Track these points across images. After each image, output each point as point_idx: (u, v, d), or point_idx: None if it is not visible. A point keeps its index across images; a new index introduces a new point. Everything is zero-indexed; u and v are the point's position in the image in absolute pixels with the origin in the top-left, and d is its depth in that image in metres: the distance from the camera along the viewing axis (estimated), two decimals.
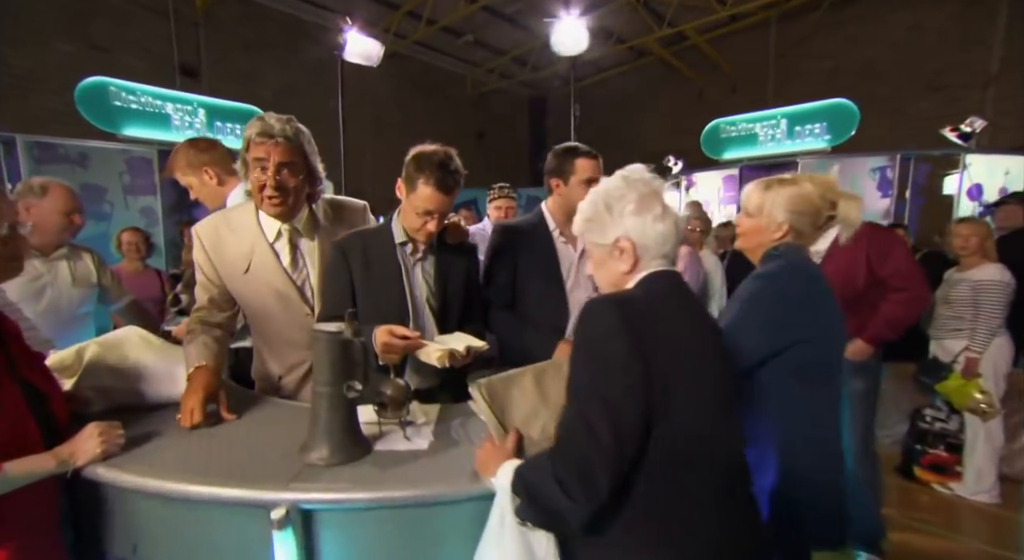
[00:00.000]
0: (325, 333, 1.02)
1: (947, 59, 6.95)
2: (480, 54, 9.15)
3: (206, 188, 1.94)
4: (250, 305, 1.53)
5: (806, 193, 1.27)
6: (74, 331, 2.00)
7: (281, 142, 1.36)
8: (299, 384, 1.58)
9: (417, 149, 1.39)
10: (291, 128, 1.38)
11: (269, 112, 1.40)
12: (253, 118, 1.41)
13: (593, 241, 0.97)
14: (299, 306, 1.50)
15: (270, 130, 1.35)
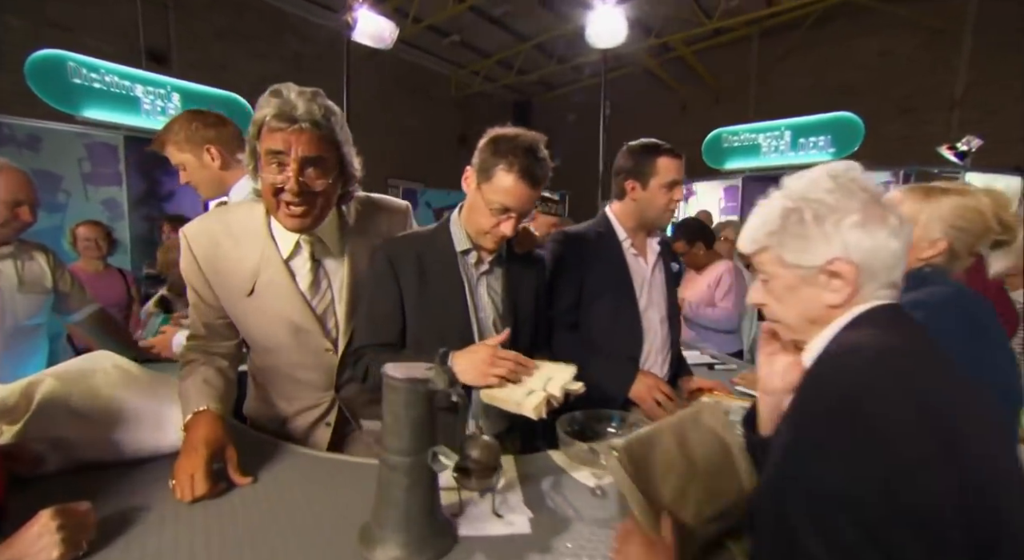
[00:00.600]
0: (406, 383, 0.74)
1: (916, 83, 7.21)
2: (465, 55, 8.90)
3: (205, 171, 1.60)
4: (252, 335, 1.19)
5: (977, 206, 1.07)
6: (20, 348, 1.63)
7: (307, 129, 1.00)
8: (311, 427, 1.26)
9: (496, 131, 1.11)
10: (320, 108, 1.02)
11: (288, 84, 1.04)
12: (266, 93, 1.03)
13: (783, 261, 0.73)
14: (318, 341, 1.18)
15: (291, 111, 0.98)
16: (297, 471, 1.05)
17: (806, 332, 0.73)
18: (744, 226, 0.79)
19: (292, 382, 1.23)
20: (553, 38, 8.30)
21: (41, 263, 1.64)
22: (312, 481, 1.01)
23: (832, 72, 7.64)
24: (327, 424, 1.26)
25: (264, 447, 1.14)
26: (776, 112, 6.73)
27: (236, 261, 1.12)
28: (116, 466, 1.04)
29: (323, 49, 7.84)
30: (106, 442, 1.05)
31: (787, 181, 0.76)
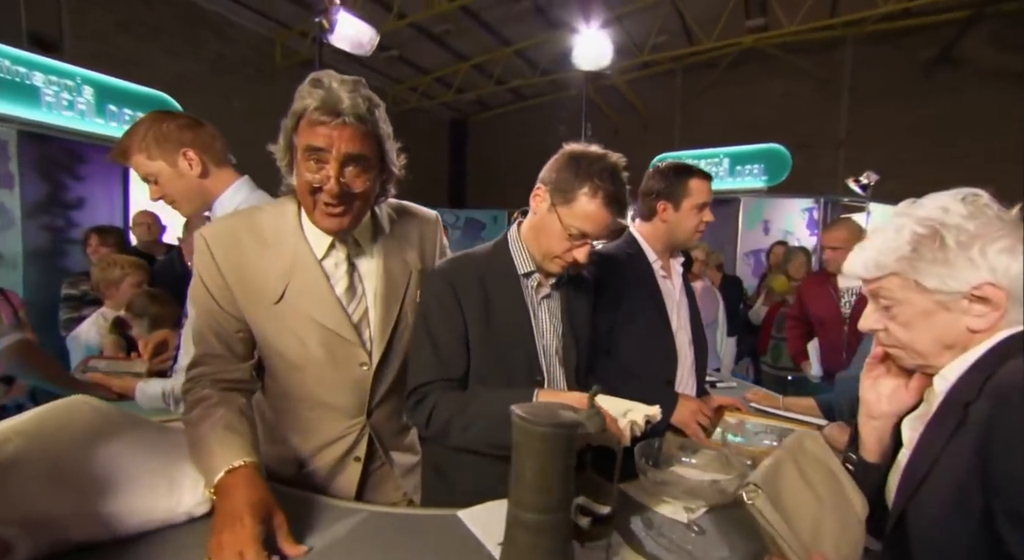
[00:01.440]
0: (560, 428, 0.64)
1: (810, 123, 8.23)
2: (403, 71, 8.75)
3: (182, 181, 1.36)
4: (279, 348, 1.04)
5: None
6: None
7: (351, 123, 0.90)
8: (337, 465, 1.10)
9: (574, 149, 1.05)
10: (364, 101, 0.92)
11: (329, 72, 0.94)
12: (306, 83, 0.92)
13: (918, 287, 0.73)
14: (354, 352, 1.04)
15: (336, 104, 0.89)
16: (354, 532, 0.90)
17: (939, 357, 0.74)
18: (857, 252, 0.79)
19: (319, 407, 1.07)
20: (493, 59, 8.43)
21: None
22: (375, 544, 0.86)
23: (744, 108, 8.48)
24: (356, 459, 1.11)
25: (298, 503, 0.97)
26: (698, 141, 7.33)
27: (264, 264, 1.00)
28: (116, 545, 0.82)
29: (249, 52, 7.34)
30: (101, 516, 0.83)
31: (906, 208, 0.77)
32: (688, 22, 7.29)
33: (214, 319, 1.01)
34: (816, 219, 4.94)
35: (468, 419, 0.99)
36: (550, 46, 7.93)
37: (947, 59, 7.03)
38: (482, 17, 7.59)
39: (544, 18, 7.58)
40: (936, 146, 7.26)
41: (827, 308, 2.38)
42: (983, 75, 6.93)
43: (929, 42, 7.11)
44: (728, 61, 8.13)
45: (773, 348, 3.19)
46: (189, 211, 1.44)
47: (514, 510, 0.67)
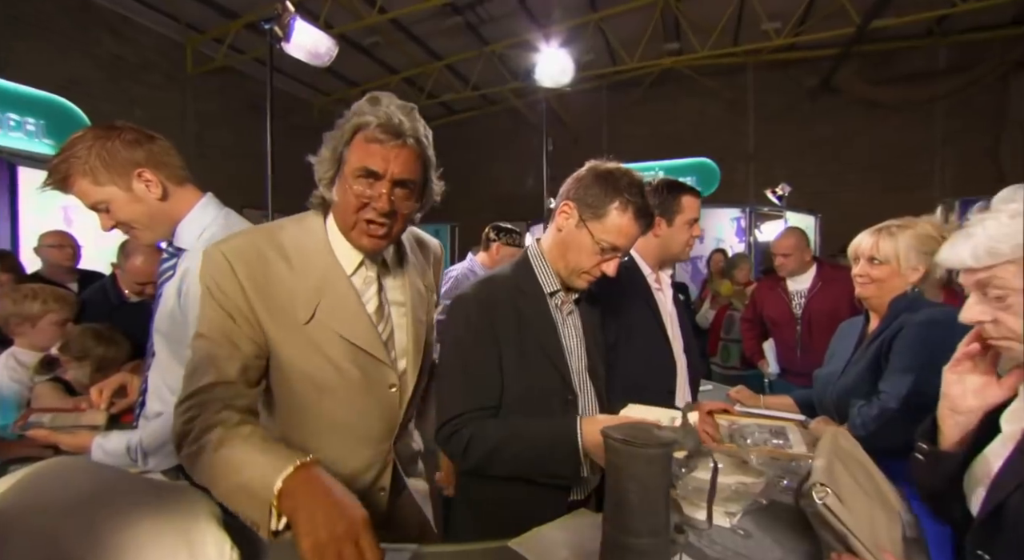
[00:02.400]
0: (662, 448, 0.65)
1: (723, 139, 9.00)
2: (330, 83, 8.42)
3: (140, 206, 1.18)
4: (305, 373, 0.96)
5: (929, 233, 1.34)
6: None
7: (410, 146, 0.91)
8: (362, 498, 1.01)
9: (599, 166, 1.07)
10: (421, 126, 0.94)
11: (386, 93, 0.93)
12: (364, 101, 0.92)
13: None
14: (384, 373, 0.99)
15: (398, 127, 0.89)
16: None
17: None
18: (962, 241, 0.75)
19: (344, 435, 1.00)
20: (423, 73, 8.37)
21: None
22: None
23: (664, 124, 9.11)
24: (381, 490, 1.04)
25: None
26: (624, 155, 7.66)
27: (292, 282, 0.94)
28: None
29: (154, 57, 6.72)
30: None
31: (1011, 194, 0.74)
32: (612, 43, 7.70)
33: (230, 342, 0.91)
34: (743, 227, 5.41)
35: (513, 448, 0.97)
36: (481, 61, 8.03)
37: (827, 88, 8.01)
38: (412, 31, 7.53)
39: (475, 34, 7.67)
40: (826, 162, 8.25)
41: (780, 310, 2.60)
42: (856, 103, 8.00)
43: (812, 72, 8.08)
44: (649, 80, 8.68)
45: (723, 349, 3.42)
46: (152, 238, 1.26)
47: (617, 536, 0.66)
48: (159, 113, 6.56)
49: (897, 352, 1.28)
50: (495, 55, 7.97)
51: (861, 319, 1.53)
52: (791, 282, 2.62)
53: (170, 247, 1.27)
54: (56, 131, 4.17)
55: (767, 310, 2.70)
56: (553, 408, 1.05)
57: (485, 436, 0.97)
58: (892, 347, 1.30)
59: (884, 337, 1.35)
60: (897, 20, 6.27)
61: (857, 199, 7.89)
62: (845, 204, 7.55)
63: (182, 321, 1.18)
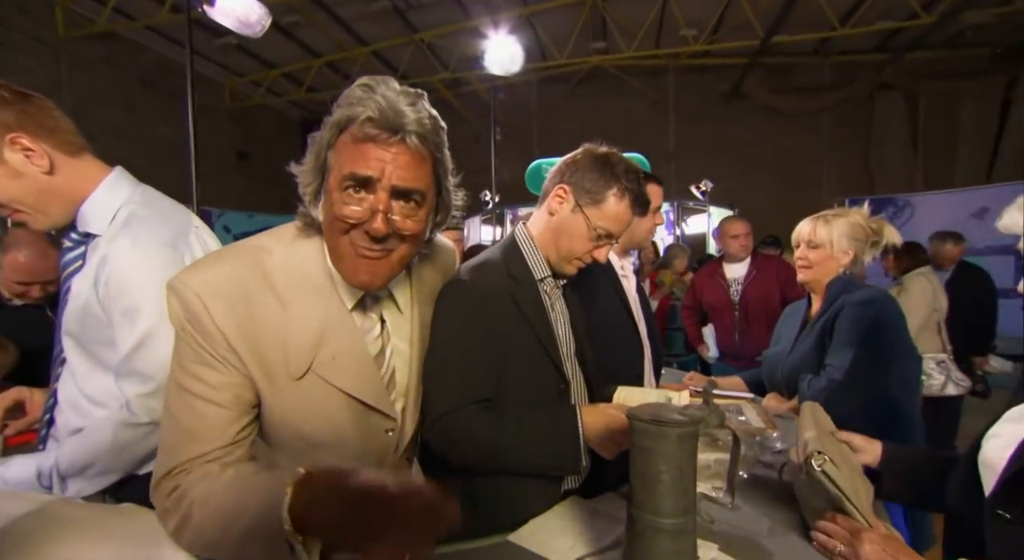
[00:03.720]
0: (691, 427, 0.64)
1: (647, 137, 9.43)
2: (243, 62, 7.73)
3: (21, 181, 0.96)
4: (294, 430, 0.79)
5: (859, 221, 1.49)
6: None
7: (412, 144, 0.71)
8: None
9: (596, 151, 1.04)
10: (428, 118, 0.74)
11: (383, 78, 0.72)
12: (354, 87, 0.72)
13: None
14: (384, 422, 0.85)
15: (396, 118, 0.69)
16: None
17: None
18: None
19: None
20: (349, 58, 7.96)
21: None
22: None
23: (592, 121, 9.37)
24: None
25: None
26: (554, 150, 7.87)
27: (284, 328, 0.75)
28: None
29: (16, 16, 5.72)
30: None
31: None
32: (543, 39, 7.79)
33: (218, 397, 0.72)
34: (672, 220, 5.73)
35: (512, 445, 0.93)
36: (410, 49, 7.78)
37: (737, 94, 8.69)
38: (336, 12, 7.11)
39: (403, 20, 7.40)
40: (737, 163, 8.95)
41: (718, 296, 2.77)
42: (761, 109, 8.76)
43: (725, 78, 8.71)
44: (578, 77, 8.90)
45: (668, 337, 3.59)
46: (47, 223, 1.03)
47: (648, 518, 0.65)
48: (28, 82, 5.53)
49: (839, 329, 1.41)
50: (424, 43, 7.75)
51: (804, 303, 1.66)
52: (728, 269, 2.80)
53: (74, 233, 1.06)
54: None
55: (706, 297, 2.87)
56: (547, 396, 1.03)
57: (481, 433, 0.92)
58: (834, 325, 1.43)
59: (827, 316, 1.47)
60: (791, 37, 6.94)
61: (766, 196, 8.68)
62: (757, 200, 8.26)
63: (103, 319, 0.99)
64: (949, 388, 2.72)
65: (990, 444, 0.84)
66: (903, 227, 5.82)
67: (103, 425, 0.98)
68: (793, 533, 0.91)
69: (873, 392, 1.34)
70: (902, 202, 6.05)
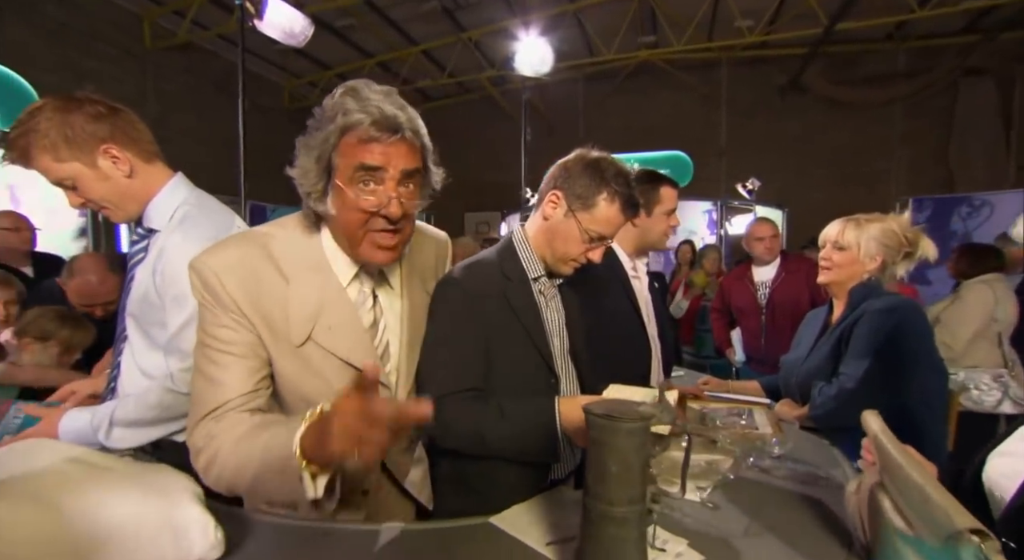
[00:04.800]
0: (641, 423, 0.68)
1: (697, 133, 9.15)
2: (301, 65, 8.17)
3: (108, 184, 1.15)
4: (298, 393, 0.93)
5: (893, 228, 1.43)
6: None
7: (409, 138, 0.85)
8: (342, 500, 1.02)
9: (587, 156, 1.09)
10: (414, 113, 0.87)
11: (363, 81, 0.86)
12: (342, 94, 0.85)
13: None
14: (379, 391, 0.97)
15: (394, 120, 0.82)
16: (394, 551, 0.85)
17: None
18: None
19: None
20: (399, 58, 8.22)
21: None
22: None
23: (639, 117, 9.20)
24: (363, 493, 1.05)
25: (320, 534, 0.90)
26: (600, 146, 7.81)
27: (287, 301, 0.88)
28: None
29: (103, 27, 6.33)
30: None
31: None
32: (590, 34, 7.72)
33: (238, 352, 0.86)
34: (715, 219, 5.57)
35: (494, 429, 0.99)
36: (458, 48, 7.93)
37: (795, 86, 8.24)
38: (387, 14, 7.36)
39: (452, 20, 7.55)
40: (792, 158, 8.50)
41: (746, 299, 2.70)
42: (821, 101, 8.26)
43: (782, 70, 8.28)
44: (626, 72, 8.75)
45: (697, 339, 3.53)
46: (123, 217, 1.23)
47: (599, 506, 0.69)
48: (114, 90, 6.12)
49: (856, 337, 1.37)
50: (472, 42, 7.88)
51: (826, 308, 1.61)
52: (757, 272, 2.72)
53: (140, 229, 1.24)
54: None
55: (734, 300, 2.80)
56: (536, 391, 1.08)
57: (467, 417, 0.99)
58: (852, 332, 1.39)
59: (846, 323, 1.43)
60: (860, 23, 6.49)
61: (822, 194, 8.18)
62: (811, 199, 7.82)
63: (158, 303, 1.15)
64: (1005, 405, 2.52)
65: (994, 463, 0.82)
66: (979, 229, 5.34)
67: (152, 390, 1.14)
68: (769, 535, 0.91)
69: (886, 404, 1.28)
70: (978, 201, 5.54)
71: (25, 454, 0.79)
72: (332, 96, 0.86)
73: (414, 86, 8.92)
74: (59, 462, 0.78)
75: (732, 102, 9.10)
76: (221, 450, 0.81)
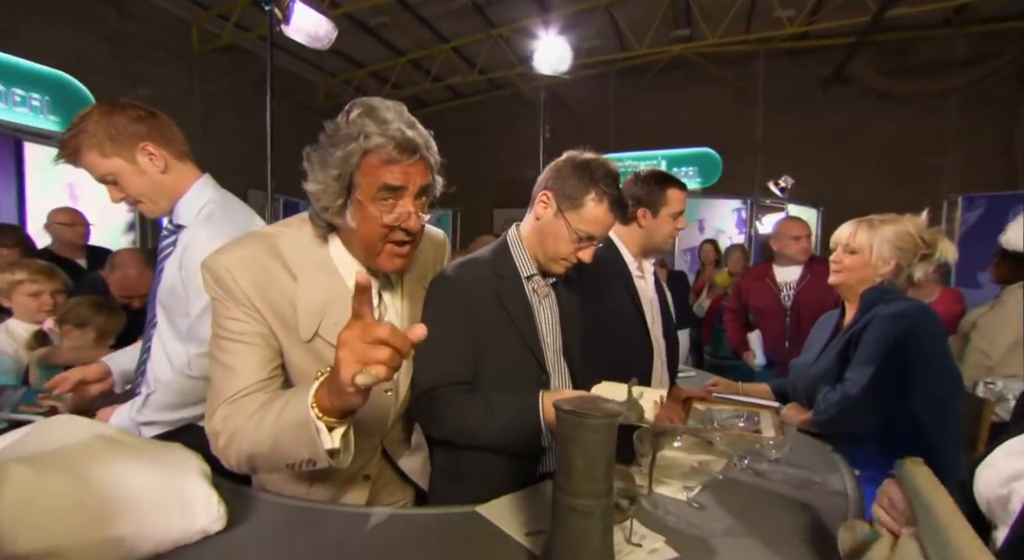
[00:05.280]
0: (606, 419, 0.70)
1: (731, 128, 8.86)
2: (336, 63, 8.40)
3: (145, 179, 1.27)
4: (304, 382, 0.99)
5: (908, 230, 1.38)
6: None
7: (425, 157, 0.91)
8: (345, 484, 1.09)
9: (576, 156, 1.11)
10: (423, 131, 0.93)
11: (378, 102, 0.90)
12: (359, 113, 0.88)
13: None
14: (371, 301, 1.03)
15: (412, 142, 0.88)
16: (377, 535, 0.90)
17: None
18: None
19: None
20: (430, 56, 8.32)
21: None
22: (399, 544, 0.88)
23: (672, 113, 9.00)
24: (365, 477, 1.11)
25: (315, 513, 0.96)
26: (631, 143, 7.71)
27: (295, 298, 0.95)
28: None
29: (155, 33, 6.69)
30: (113, 542, 0.78)
31: None
32: (621, 28, 7.61)
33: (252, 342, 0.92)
34: (744, 218, 5.41)
35: (482, 420, 1.03)
36: (486, 45, 7.97)
37: (839, 78, 7.86)
38: (419, 12, 7.47)
39: (482, 16, 7.60)
40: (834, 154, 8.12)
41: (768, 301, 2.63)
42: (867, 93, 7.85)
43: (825, 61, 7.92)
44: (658, 67, 8.57)
45: (714, 339, 3.47)
46: (156, 212, 1.35)
47: (564, 498, 0.72)
48: (166, 92, 6.57)
49: (864, 342, 1.33)
50: (502, 39, 7.90)
51: (838, 311, 1.57)
52: (779, 273, 2.65)
53: (170, 224, 1.35)
54: (61, 107, 4.22)
55: (754, 301, 2.73)
56: (528, 387, 1.11)
57: (456, 409, 1.03)
58: (861, 337, 1.35)
59: (856, 328, 1.39)
60: (914, 9, 6.14)
61: (864, 192, 7.76)
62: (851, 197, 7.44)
63: (182, 295, 1.25)
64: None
65: (983, 475, 0.80)
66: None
67: (174, 377, 1.25)
68: (749, 536, 0.92)
69: (890, 413, 1.25)
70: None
71: (58, 429, 0.88)
72: (347, 114, 0.91)
73: (444, 83, 9.02)
74: (86, 437, 0.86)
75: (769, 96, 8.77)
76: (237, 425, 0.87)
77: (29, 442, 0.83)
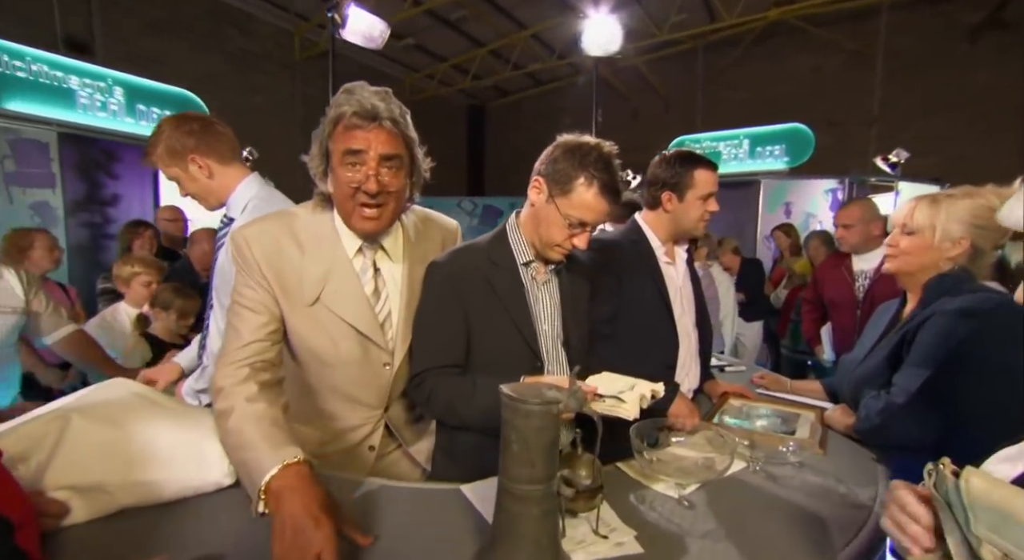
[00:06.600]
0: (541, 406, 0.70)
1: (840, 99, 7.86)
2: (419, 59, 8.77)
3: (196, 182, 1.49)
4: (309, 348, 1.10)
5: (989, 204, 1.15)
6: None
7: (387, 127, 1.00)
8: (352, 452, 1.17)
9: (567, 140, 1.10)
10: (396, 107, 1.02)
11: (359, 83, 1.02)
12: (340, 93, 1.02)
13: None
14: (380, 354, 1.12)
15: (373, 110, 0.98)
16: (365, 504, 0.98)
17: None
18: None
19: (342, 399, 1.15)
20: (509, 44, 8.37)
21: (11, 281, 1.44)
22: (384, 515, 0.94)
23: (768, 86, 8.20)
24: (370, 448, 1.19)
25: None
26: (721, 122, 7.14)
27: (301, 267, 1.06)
28: (157, 509, 0.92)
29: (270, 47, 7.49)
30: (144, 485, 0.93)
31: None
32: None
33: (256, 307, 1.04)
34: (840, 200, 4.81)
35: (466, 402, 1.06)
36: (565, 29, 7.81)
37: (995, 23, 6.55)
38: (497, 2, 7.53)
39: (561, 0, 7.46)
40: (972, 121, 6.85)
41: (841, 291, 2.35)
42: None
43: (975, 5, 6.66)
44: (752, 37, 7.85)
45: (791, 331, 3.16)
46: (210, 206, 1.56)
47: (503, 481, 0.73)
48: (275, 99, 7.35)
49: (919, 342, 1.14)
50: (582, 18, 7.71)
51: (898, 301, 1.37)
52: (857, 261, 2.34)
53: (225, 218, 1.54)
54: None
55: (827, 291, 2.45)
56: (520, 373, 1.12)
57: (444, 390, 1.07)
58: (916, 336, 1.17)
59: (914, 323, 1.20)
60: None
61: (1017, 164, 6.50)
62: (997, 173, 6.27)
63: (229, 278, 1.43)
64: None
65: None
66: None
67: None
68: (728, 541, 0.85)
69: (944, 428, 1.06)
70: None
71: (108, 388, 1.06)
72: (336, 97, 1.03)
73: (524, 70, 9.03)
74: (128, 395, 1.03)
75: (892, 56, 7.60)
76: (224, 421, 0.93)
77: (86, 398, 1.01)
